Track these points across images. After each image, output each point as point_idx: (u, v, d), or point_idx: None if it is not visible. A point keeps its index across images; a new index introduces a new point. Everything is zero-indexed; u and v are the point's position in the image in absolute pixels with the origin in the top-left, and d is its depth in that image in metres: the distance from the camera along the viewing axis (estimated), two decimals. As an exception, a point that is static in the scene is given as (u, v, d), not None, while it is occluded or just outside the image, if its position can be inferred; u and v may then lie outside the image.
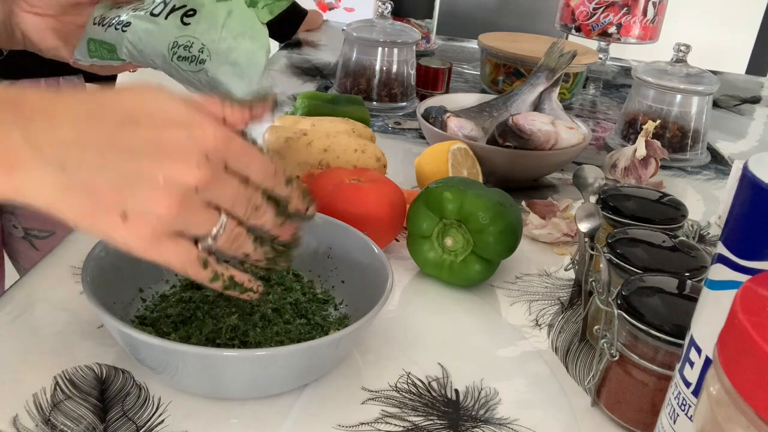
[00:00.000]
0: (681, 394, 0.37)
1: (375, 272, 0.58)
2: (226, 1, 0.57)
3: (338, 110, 1.00)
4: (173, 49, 0.57)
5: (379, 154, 0.85)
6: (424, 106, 0.96)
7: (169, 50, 0.58)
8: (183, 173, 0.40)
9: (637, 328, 0.49)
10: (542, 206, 0.84)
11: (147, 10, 0.59)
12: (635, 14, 1.48)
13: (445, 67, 1.28)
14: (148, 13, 0.59)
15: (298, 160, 0.85)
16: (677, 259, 0.57)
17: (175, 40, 0.57)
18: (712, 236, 0.85)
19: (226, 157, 0.41)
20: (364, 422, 0.50)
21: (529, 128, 0.84)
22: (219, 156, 0.41)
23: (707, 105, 1.08)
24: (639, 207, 0.66)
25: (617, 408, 0.52)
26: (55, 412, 0.48)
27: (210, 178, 0.40)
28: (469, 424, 0.51)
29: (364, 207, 0.66)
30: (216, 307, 0.57)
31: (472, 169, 0.82)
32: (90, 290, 0.49)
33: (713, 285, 0.35)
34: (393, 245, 0.74)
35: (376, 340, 0.59)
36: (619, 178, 0.94)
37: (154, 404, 0.50)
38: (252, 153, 0.43)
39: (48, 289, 0.62)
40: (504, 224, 0.64)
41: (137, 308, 0.58)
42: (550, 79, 1.00)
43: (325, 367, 0.53)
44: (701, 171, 1.06)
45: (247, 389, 0.51)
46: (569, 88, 1.31)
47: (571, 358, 0.59)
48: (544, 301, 0.67)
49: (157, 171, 0.39)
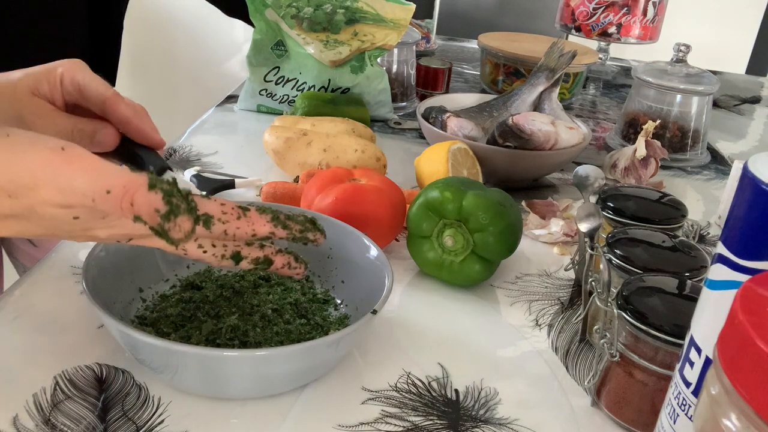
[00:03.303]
0: (681, 394, 0.37)
1: (375, 272, 0.58)
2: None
3: (338, 110, 1.00)
4: None
5: (379, 154, 0.85)
6: (424, 106, 0.96)
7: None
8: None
9: (637, 328, 0.49)
10: (542, 206, 0.84)
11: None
12: (635, 14, 1.49)
13: (445, 67, 1.28)
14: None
15: (298, 160, 0.85)
16: (677, 259, 0.57)
17: None
18: (712, 236, 0.85)
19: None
20: (364, 422, 0.50)
21: (529, 128, 0.84)
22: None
23: (707, 105, 1.08)
24: (639, 207, 0.66)
25: (617, 408, 0.52)
26: (55, 412, 0.48)
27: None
28: (469, 424, 0.51)
29: (364, 207, 0.66)
30: (216, 307, 0.57)
31: (472, 169, 0.82)
32: (90, 290, 0.49)
33: (713, 285, 0.35)
34: (393, 245, 0.74)
35: (376, 340, 0.59)
36: (619, 178, 0.94)
37: (154, 404, 0.50)
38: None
39: (48, 289, 0.62)
40: (504, 224, 0.64)
41: (137, 308, 0.58)
42: (550, 79, 1.00)
43: (325, 367, 0.53)
44: (701, 171, 1.06)
45: (247, 389, 0.51)
46: (569, 88, 1.31)
47: (571, 358, 0.59)
48: (544, 301, 0.67)
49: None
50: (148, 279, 0.60)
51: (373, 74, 1.07)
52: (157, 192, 0.40)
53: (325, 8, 1.03)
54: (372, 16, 1.05)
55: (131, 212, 0.40)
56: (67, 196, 0.39)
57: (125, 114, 0.55)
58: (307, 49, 1.05)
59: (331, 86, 1.07)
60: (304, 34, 1.04)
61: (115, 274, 0.56)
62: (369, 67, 1.06)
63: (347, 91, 1.07)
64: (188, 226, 0.42)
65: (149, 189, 0.40)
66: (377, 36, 1.05)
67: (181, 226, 0.41)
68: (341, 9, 1.04)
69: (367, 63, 1.06)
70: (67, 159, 0.39)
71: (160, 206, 0.40)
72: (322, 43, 1.04)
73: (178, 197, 0.41)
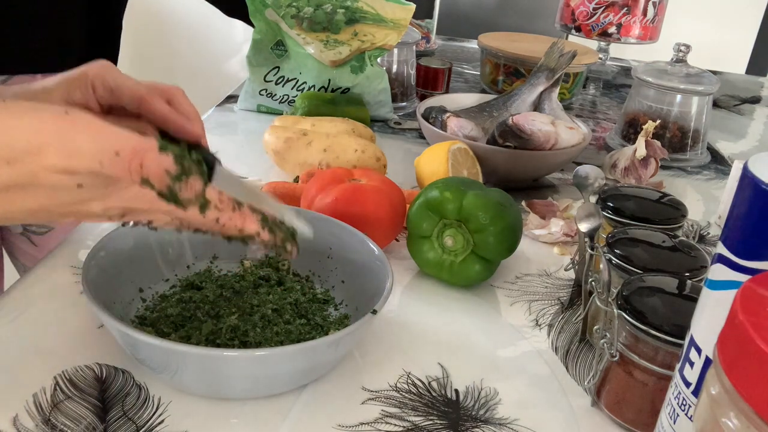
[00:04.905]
0: (681, 394, 0.37)
1: (375, 272, 0.58)
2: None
3: (338, 110, 1.00)
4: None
5: (379, 154, 0.85)
6: (424, 106, 0.96)
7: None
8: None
9: (637, 328, 0.49)
10: (542, 206, 0.84)
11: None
12: (635, 14, 1.49)
13: (445, 67, 1.28)
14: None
15: (298, 160, 0.85)
16: (677, 259, 0.57)
17: None
18: (712, 236, 0.85)
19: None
20: (364, 422, 0.50)
21: (529, 128, 0.84)
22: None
23: (707, 105, 1.08)
24: (639, 207, 0.66)
25: (617, 408, 0.52)
26: (55, 412, 0.48)
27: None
28: (469, 424, 0.51)
29: (364, 207, 0.66)
30: (216, 307, 0.57)
31: (472, 169, 0.82)
32: (90, 290, 0.49)
33: (713, 285, 0.35)
34: (393, 245, 0.74)
35: (376, 340, 0.59)
36: (619, 178, 0.94)
37: (154, 404, 0.50)
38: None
39: (48, 289, 0.62)
40: (504, 224, 0.64)
41: (137, 308, 0.58)
42: (550, 79, 1.00)
43: (325, 367, 0.53)
44: (701, 171, 1.06)
45: (247, 389, 0.51)
46: (569, 88, 1.31)
47: (571, 358, 0.59)
48: (544, 301, 0.67)
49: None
50: (148, 279, 0.60)
51: (373, 74, 1.07)
52: (168, 154, 0.39)
53: (325, 8, 1.03)
54: (372, 16, 1.05)
55: (139, 174, 0.39)
56: (73, 160, 0.37)
57: (161, 111, 0.54)
58: (307, 49, 1.05)
59: (331, 86, 1.07)
60: (304, 34, 1.04)
61: (115, 274, 0.56)
62: (369, 67, 1.06)
63: (347, 91, 1.08)
64: (199, 186, 0.41)
65: (160, 151, 0.39)
66: (377, 36, 1.05)
67: (193, 185, 0.40)
68: (341, 9, 1.04)
69: (367, 63, 1.06)
70: (72, 121, 0.37)
71: (171, 167, 0.39)
72: (322, 43, 1.04)
73: (188, 161, 0.40)
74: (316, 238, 0.63)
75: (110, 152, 0.38)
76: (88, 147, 0.37)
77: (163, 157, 0.39)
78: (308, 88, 1.07)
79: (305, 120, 0.92)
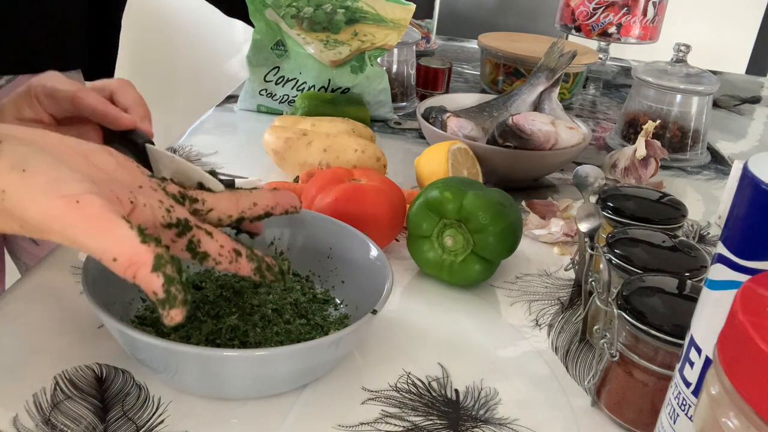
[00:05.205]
0: (681, 394, 0.37)
1: (375, 272, 0.58)
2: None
3: (338, 110, 1.00)
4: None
5: (379, 154, 0.85)
6: (424, 106, 0.96)
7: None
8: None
9: (637, 328, 0.49)
10: (542, 206, 0.84)
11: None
12: (635, 14, 1.49)
13: (445, 67, 1.28)
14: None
15: (298, 160, 0.85)
16: (677, 259, 0.57)
17: None
18: (712, 236, 0.85)
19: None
20: (364, 422, 0.50)
21: (529, 128, 0.84)
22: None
23: (707, 105, 1.08)
24: (639, 207, 0.66)
25: (617, 408, 0.52)
26: (55, 412, 0.48)
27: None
28: (469, 424, 0.51)
29: (364, 207, 0.66)
30: (216, 307, 0.57)
31: (472, 169, 0.82)
32: (90, 290, 0.49)
33: (713, 285, 0.35)
34: (393, 245, 0.74)
35: (376, 340, 0.59)
36: (619, 178, 0.94)
37: (154, 404, 0.50)
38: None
39: (48, 289, 0.62)
40: (504, 224, 0.64)
41: (137, 308, 0.58)
42: (550, 79, 1.00)
43: (325, 367, 0.53)
44: (701, 171, 1.06)
45: (247, 389, 0.51)
46: (569, 88, 1.31)
47: (571, 358, 0.59)
48: (544, 301, 0.67)
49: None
50: (148, 279, 0.60)
51: (373, 74, 1.07)
52: (159, 276, 0.39)
53: (325, 8, 1.03)
54: (372, 16, 1.05)
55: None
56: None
57: (92, 106, 0.54)
58: (307, 49, 1.05)
59: (331, 86, 1.07)
60: (304, 34, 1.04)
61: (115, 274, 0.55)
62: (369, 67, 1.06)
63: (347, 91, 1.08)
64: (179, 318, 0.41)
65: (152, 270, 0.39)
66: (377, 36, 1.05)
67: (172, 317, 0.41)
68: (341, 9, 1.04)
69: (367, 63, 1.06)
70: (79, 216, 0.39)
71: (158, 292, 0.40)
72: (322, 43, 1.04)
73: (177, 286, 0.40)
74: (316, 238, 0.63)
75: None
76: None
77: (153, 279, 0.39)
78: (308, 88, 1.07)
79: (305, 120, 0.92)
